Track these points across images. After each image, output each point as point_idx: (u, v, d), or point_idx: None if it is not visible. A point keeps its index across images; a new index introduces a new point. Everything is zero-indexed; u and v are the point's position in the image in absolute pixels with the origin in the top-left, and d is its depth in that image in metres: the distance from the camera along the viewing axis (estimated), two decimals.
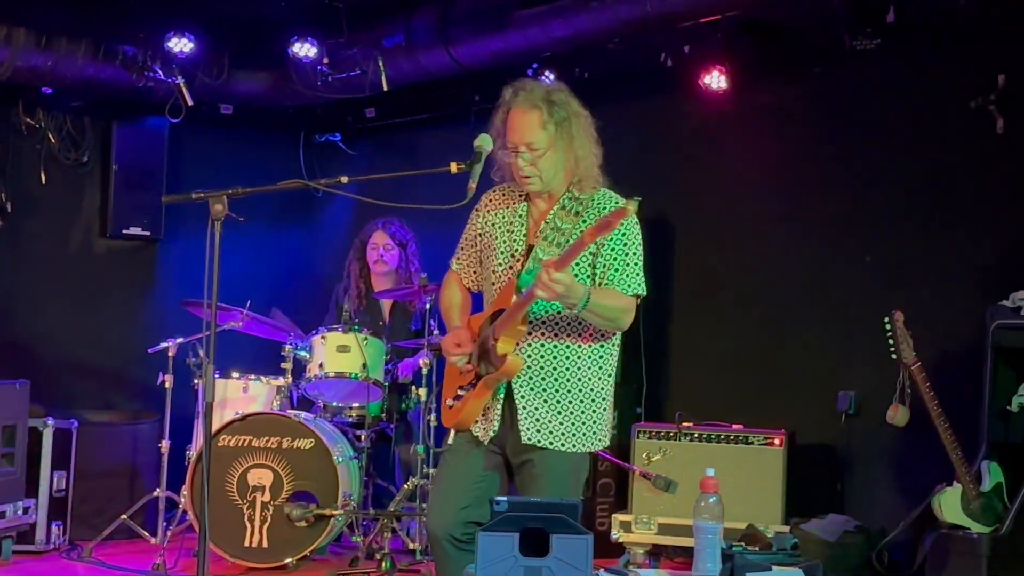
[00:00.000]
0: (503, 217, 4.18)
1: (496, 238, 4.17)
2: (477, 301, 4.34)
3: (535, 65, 7.17)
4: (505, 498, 3.45)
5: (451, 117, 8.04)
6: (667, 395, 7.45)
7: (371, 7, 7.51)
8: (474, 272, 4.30)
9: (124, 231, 8.40)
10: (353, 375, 6.63)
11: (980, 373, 5.70)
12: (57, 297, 8.35)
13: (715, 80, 7.05)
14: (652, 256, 7.40)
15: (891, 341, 5.51)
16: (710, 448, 6.46)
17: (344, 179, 4.12)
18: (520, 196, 4.17)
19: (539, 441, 4.03)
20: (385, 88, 7.56)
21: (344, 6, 7.48)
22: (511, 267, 4.11)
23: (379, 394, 6.72)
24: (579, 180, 4.09)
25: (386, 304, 7.37)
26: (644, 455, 6.52)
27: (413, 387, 6.86)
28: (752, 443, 6.40)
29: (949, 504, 5.47)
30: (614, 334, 4.13)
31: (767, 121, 7.22)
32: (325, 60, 7.68)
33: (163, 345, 6.87)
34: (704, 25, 6.52)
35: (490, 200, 4.27)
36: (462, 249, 4.33)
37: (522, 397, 4.05)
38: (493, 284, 4.15)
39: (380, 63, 7.48)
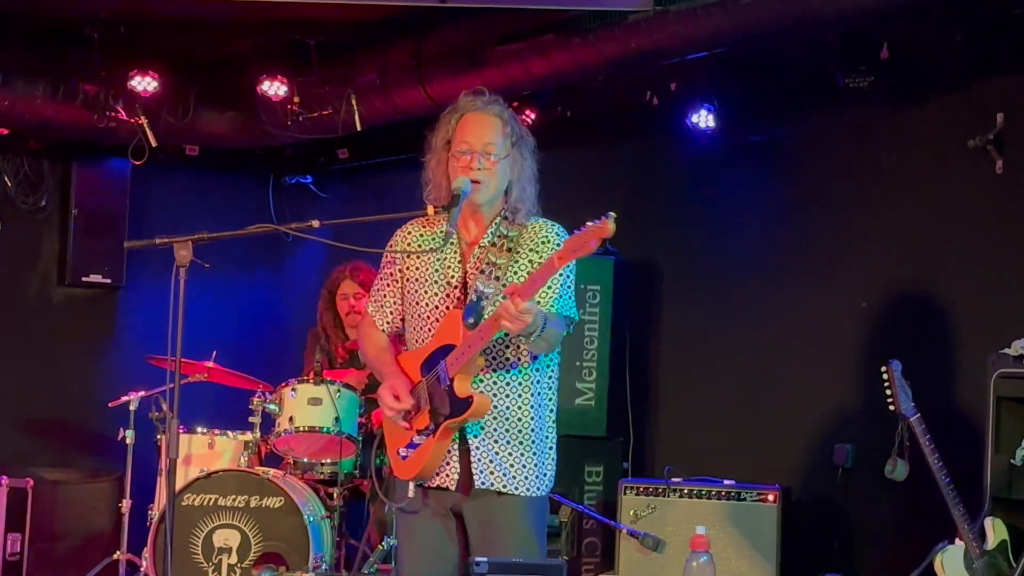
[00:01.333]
0: (428, 246, 4.15)
1: (423, 269, 4.15)
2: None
3: (515, 103, 7.20)
4: (485, 559, 3.42)
5: None
6: (655, 449, 7.44)
7: (343, 44, 7.54)
8: (391, 313, 4.25)
9: (84, 278, 8.38)
10: (325, 429, 6.59)
11: (982, 425, 5.71)
12: (12, 348, 8.31)
13: (703, 119, 7.08)
14: (638, 303, 7.51)
15: (888, 392, 5.49)
16: (701, 505, 6.43)
17: (315, 223, 4.12)
18: (440, 229, 4.12)
19: (492, 484, 4.02)
20: (358, 128, 7.57)
21: (315, 43, 7.51)
22: (447, 297, 4.08)
23: (352, 449, 6.68)
24: (513, 209, 4.09)
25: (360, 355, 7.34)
26: (631, 512, 6.49)
27: None
28: (745, 499, 6.38)
29: (951, 563, 5.45)
30: (553, 362, 4.13)
31: (757, 161, 7.26)
32: (295, 99, 7.70)
33: (124, 399, 6.82)
34: (691, 62, 6.56)
35: (408, 234, 4.23)
36: (379, 291, 4.28)
37: (475, 437, 4.02)
38: (425, 319, 4.11)
39: (353, 102, 7.50)
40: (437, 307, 4.09)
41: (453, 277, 4.09)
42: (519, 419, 4.03)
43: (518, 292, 3.70)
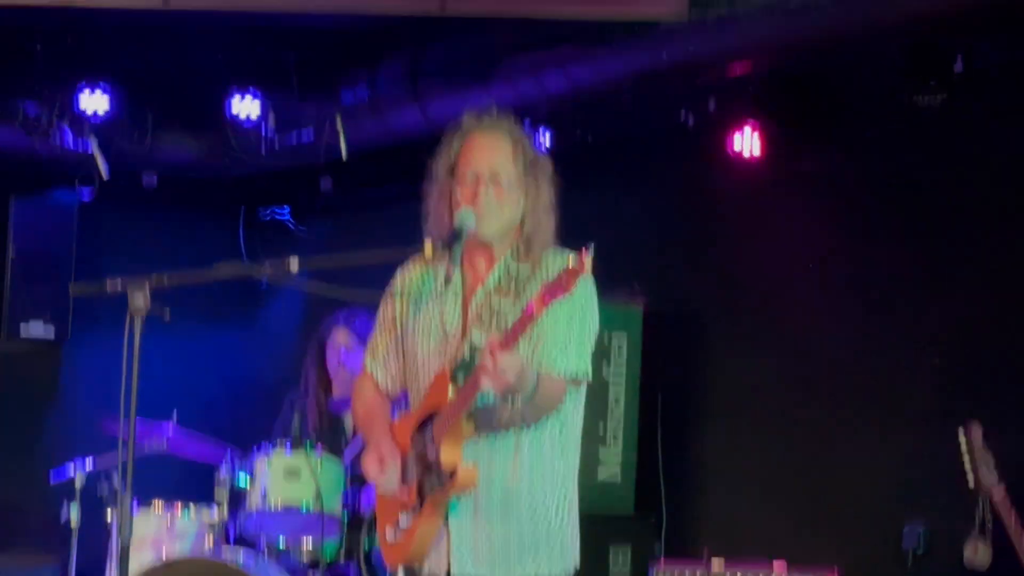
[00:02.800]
0: (429, 289, 4.14)
1: (421, 318, 4.13)
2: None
3: (527, 125, 7.21)
4: None
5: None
6: (692, 528, 7.40)
7: (327, 57, 7.57)
8: (393, 369, 4.24)
9: (22, 330, 8.36)
10: (304, 506, 6.56)
11: None
12: None
13: (747, 143, 7.08)
14: (671, 358, 7.48)
15: (967, 462, 5.47)
16: None
17: (294, 264, 4.11)
18: (443, 266, 4.09)
19: (478, 573, 3.98)
20: (344, 154, 7.59)
21: (294, 56, 7.53)
22: (445, 351, 4.05)
23: (336, 530, 6.65)
24: (527, 243, 4.06)
25: (350, 418, 7.33)
26: None
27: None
28: None
29: None
30: (562, 419, 4.07)
31: (810, 193, 7.25)
32: (271, 120, 7.72)
33: (68, 471, 6.80)
34: (733, 78, 6.57)
35: (408, 275, 4.22)
36: (377, 344, 4.26)
37: (454, 516, 3.99)
38: (422, 378, 4.09)
39: (338, 123, 7.52)
40: (433, 363, 4.07)
41: (451, 327, 4.07)
42: (511, 490, 3.99)
43: (499, 344, 3.66)
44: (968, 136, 6.71)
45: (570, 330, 3.98)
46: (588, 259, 3.55)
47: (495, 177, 4.01)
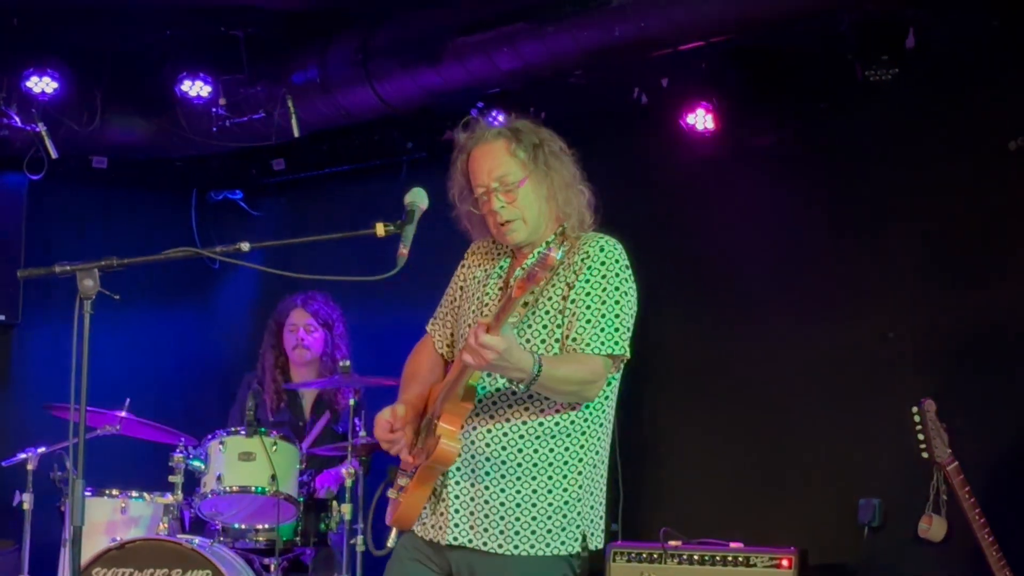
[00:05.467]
0: (484, 272, 4.23)
1: (468, 295, 4.23)
2: None
3: (480, 104, 7.21)
4: None
5: (378, 169, 8.05)
6: (649, 507, 7.43)
7: (277, 36, 7.54)
8: (447, 334, 4.34)
9: None
10: (259, 489, 6.56)
11: None
12: None
13: (700, 119, 7.11)
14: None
15: (921, 436, 5.50)
16: (704, 572, 6.42)
17: (245, 246, 4.10)
18: (507, 249, 4.22)
19: (471, 540, 4.02)
20: (296, 134, 7.57)
21: (244, 35, 7.50)
22: None
23: (292, 512, 6.65)
24: (569, 225, 4.13)
25: (308, 400, 7.33)
26: None
27: (335, 503, 6.80)
28: (755, 565, 6.37)
29: None
30: (599, 403, 4.14)
31: (763, 168, 7.28)
32: (222, 101, 7.69)
33: (20, 457, 6.77)
34: (686, 53, 6.59)
35: (476, 251, 4.33)
36: (441, 307, 4.39)
37: (456, 484, 4.06)
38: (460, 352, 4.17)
39: (289, 104, 7.50)
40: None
41: (487, 307, 4.14)
42: (518, 465, 4.03)
43: (484, 325, 3.68)
44: (920, 111, 6.75)
45: (603, 305, 4.01)
46: (555, 255, 3.58)
47: (502, 183, 4.07)
